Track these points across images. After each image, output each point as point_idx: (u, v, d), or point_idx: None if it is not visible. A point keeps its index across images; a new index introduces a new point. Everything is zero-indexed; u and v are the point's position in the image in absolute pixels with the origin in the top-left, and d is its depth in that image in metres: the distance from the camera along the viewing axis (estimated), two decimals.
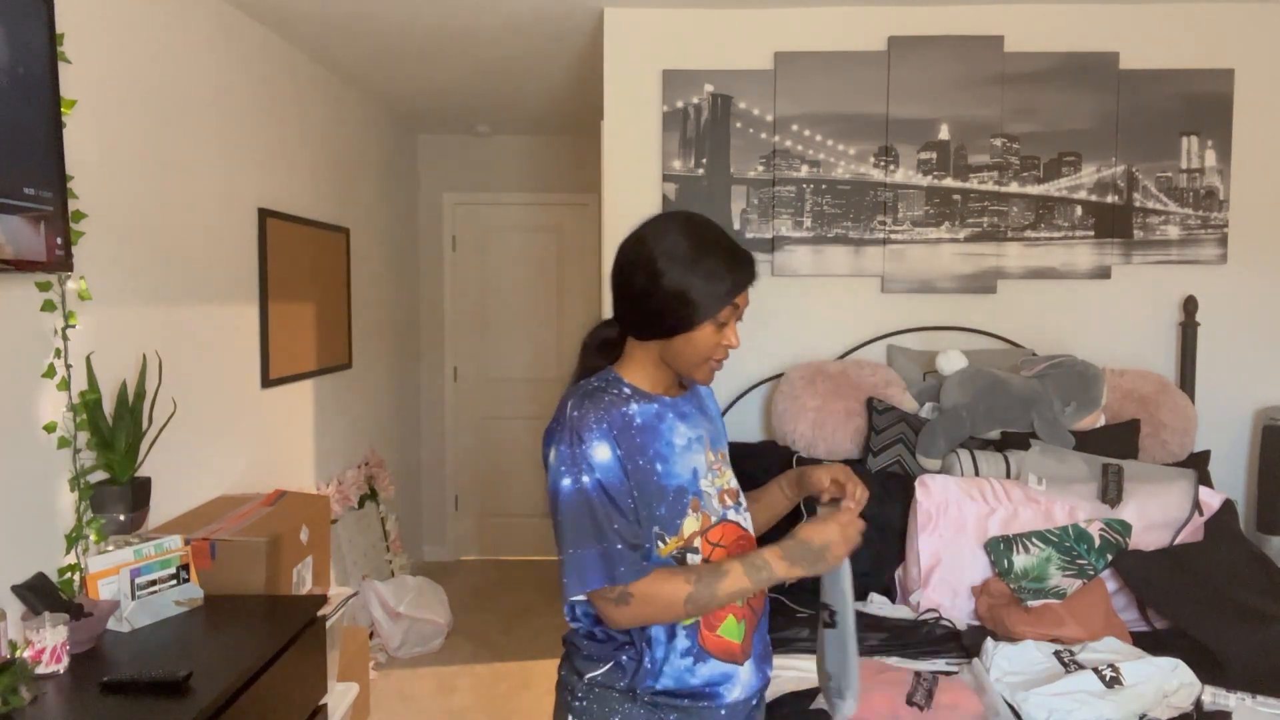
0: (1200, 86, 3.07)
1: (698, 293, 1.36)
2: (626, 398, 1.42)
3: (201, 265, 2.78)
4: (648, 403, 1.43)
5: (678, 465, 1.41)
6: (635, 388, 1.44)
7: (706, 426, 1.50)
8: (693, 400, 1.52)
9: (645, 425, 1.41)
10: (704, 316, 1.37)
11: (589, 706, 1.42)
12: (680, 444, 1.42)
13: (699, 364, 1.42)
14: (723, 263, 1.37)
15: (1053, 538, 2.47)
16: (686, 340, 1.39)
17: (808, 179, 3.14)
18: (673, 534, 1.39)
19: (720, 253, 1.38)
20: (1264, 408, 3.10)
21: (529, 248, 5.38)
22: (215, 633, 2.09)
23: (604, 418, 1.37)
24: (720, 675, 1.42)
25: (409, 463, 5.12)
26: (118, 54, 2.36)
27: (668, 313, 1.38)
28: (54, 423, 2.09)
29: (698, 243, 1.38)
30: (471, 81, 4.01)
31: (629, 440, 1.38)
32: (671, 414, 1.44)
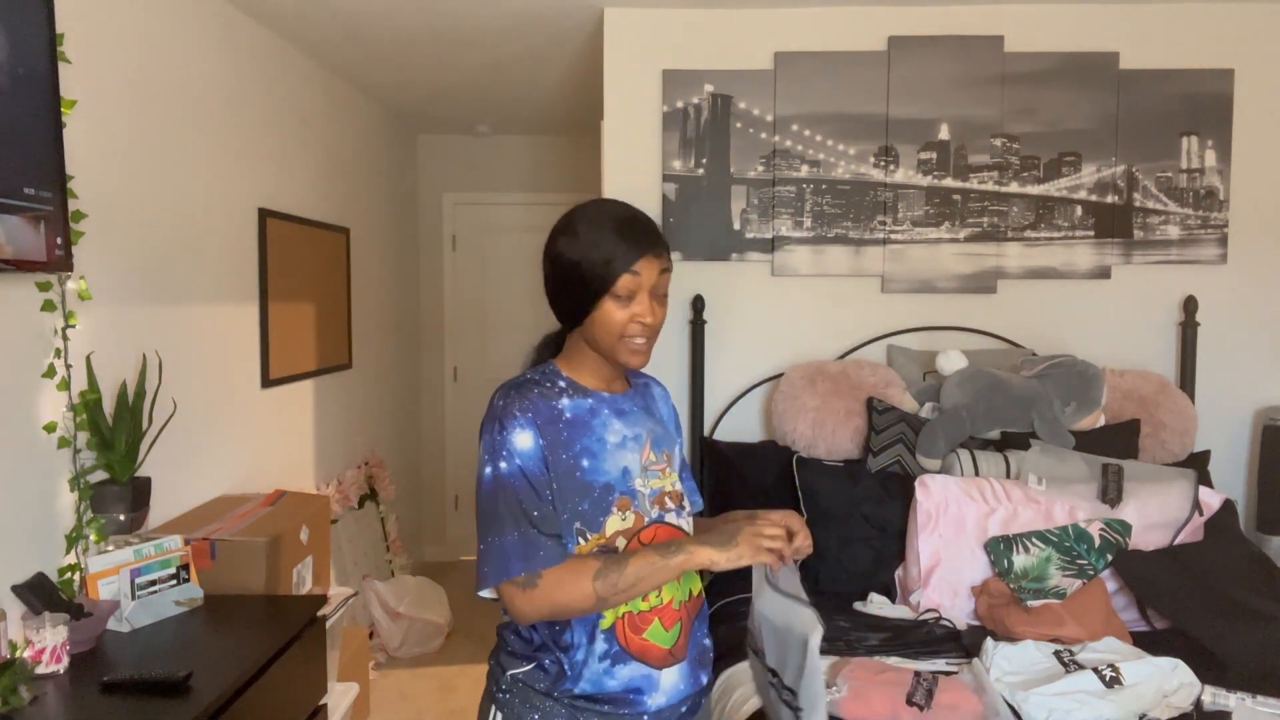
0: (1200, 86, 3.07)
1: (589, 266, 1.36)
2: (559, 391, 1.42)
3: (201, 265, 2.78)
4: (581, 397, 1.42)
5: (606, 462, 1.39)
6: (572, 381, 1.44)
7: (648, 426, 1.47)
8: (637, 399, 1.51)
9: (575, 419, 1.40)
10: (600, 291, 1.36)
11: (511, 700, 1.43)
12: (613, 441, 1.41)
13: (615, 343, 1.39)
14: (612, 234, 1.36)
15: (1053, 538, 2.47)
16: (594, 320, 1.38)
17: (808, 179, 3.14)
18: (594, 531, 1.37)
19: (613, 226, 1.37)
20: (1264, 408, 3.10)
21: (529, 248, 5.38)
22: (215, 633, 2.09)
23: (528, 407, 1.37)
24: (640, 680, 1.38)
25: (409, 463, 5.12)
26: (118, 54, 2.36)
27: (571, 294, 1.39)
28: (54, 423, 2.09)
29: (591, 219, 1.39)
30: (471, 81, 4.01)
31: (554, 433, 1.37)
32: (607, 410, 1.43)
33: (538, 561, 1.31)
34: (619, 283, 1.36)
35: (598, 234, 1.37)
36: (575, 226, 1.40)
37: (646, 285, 1.38)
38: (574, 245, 1.38)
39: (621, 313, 1.37)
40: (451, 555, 5.42)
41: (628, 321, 1.38)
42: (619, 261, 1.35)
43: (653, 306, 1.39)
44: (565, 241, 1.40)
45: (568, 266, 1.38)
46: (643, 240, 1.37)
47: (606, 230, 1.37)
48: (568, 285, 1.39)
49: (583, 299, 1.38)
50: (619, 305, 1.37)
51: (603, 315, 1.38)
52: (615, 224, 1.38)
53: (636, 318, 1.38)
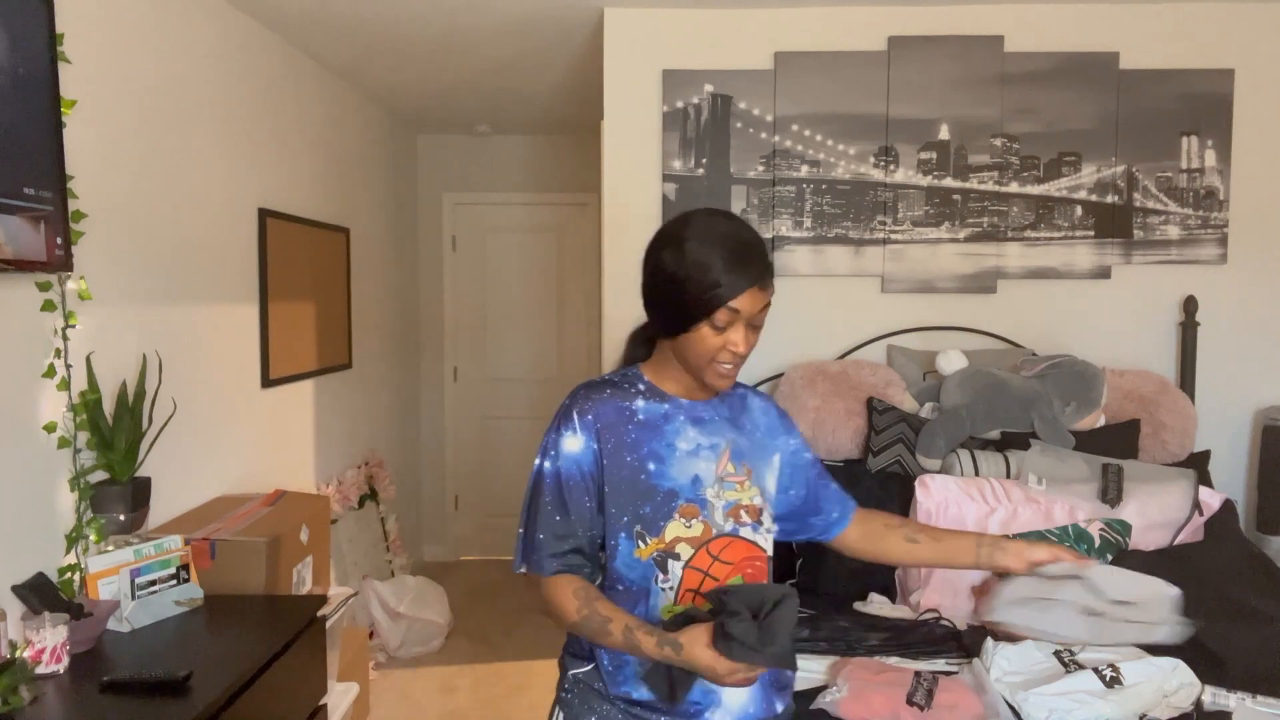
0: (1200, 86, 3.07)
1: (690, 290, 1.31)
2: (636, 393, 1.41)
3: (201, 265, 2.78)
4: (658, 402, 1.41)
5: (674, 468, 1.38)
6: (652, 385, 1.43)
7: (730, 437, 1.43)
8: (721, 408, 1.46)
9: (647, 422, 1.39)
10: (697, 316, 1.32)
11: (572, 700, 1.44)
12: (684, 448, 1.39)
13: (703, 366, 1.36)
14: (722, 262, 1.30)
15: (1053, 538, 2.47)
16: (687, 340, 1.35)
17: (808, 179, 3.14)
18: (654, 535, 1.36)
19: (722, 251, 1.31)
20: (1264, 408, 3.10)
21: (529, 248, 5.38)
22: (215, 633, 2.09)
23: (591, 408, 1.37)
24: (701, 694, 1.35)
25: (409, 463, 5.13)
26: (118, 54, 2.36)
27: (665, 308, 1.36)
28: (54, 423, 2.09)
29: (703, 238, 1.32)
30: (471, 81, 4.01)
31: (621, 434, 1.37)
32: (683, 416, 1.41)
33: (531, 564, 1.38)
34: (717, 314, 1.31)
35: (705, 256, 1.30)
36: (684, 241, 1.33)
37: (745, 317, 1.33)
38: (679, 261, 1.32)
39: (715, 339, 1.33)
40: (451, 555, 5.42)
41: (720, 349, 1.34)
42: (722, 292, 1.30)
43: (747, 336, 1.35)
44: (670, 254, 1.34)
45: (668, 281, 1.33)
46: (750, 272, 1.31)
47: (715, 254, 1.30)
48: (665, 300, 1.35)
49: (678, 318, 1.34)
50: (714, 333, 1.32)
51: (696, 338, 1.33)
52: (725, 249, 1.31)
53: (730, 346, 1.33)
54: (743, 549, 1.40)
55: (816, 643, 2.22)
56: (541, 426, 1.57)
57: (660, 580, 1.36)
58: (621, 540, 1.36)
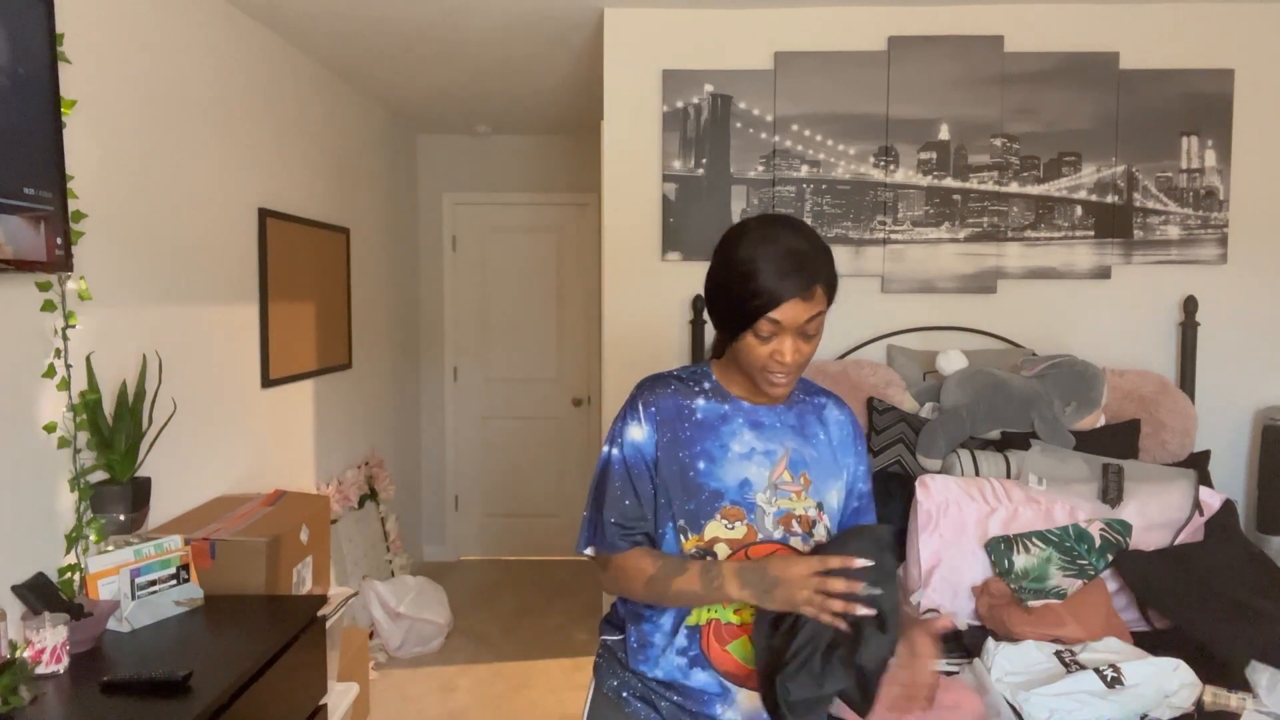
0: (1200, 86, 3.07)
1: (734, 299, 1.32)
2: (700, 391, 1.43)
3: (201, 265, 2.78)
4: (719, 401, 1.42)
5: (724, 469, 1.38)
6: (718, 385, 1.44)
7: (790, 444, 1.42)
8: (787, 415, 1.45)
9: (704, 421, 1.40)
10: (741, 325, 1.32)
11: (601, 665, 1.52)
12: (738, 450, 1.39)
13: (755, 373, 1.36)
14: (765, 268, 1.29)
15: (1053, 538, 2.47)
16: (739, 346, 1.35)
17: (808, 179, 3.14)
18: (694, 532, 1.38)
19: (768, 262, 1.29)
20: (1264, 408, 3.10)
21: (529, 248, 5.38)
22: (215, 633, 2.09)
23: (654, 401, 1.41)
24: (715, 687, 1.39)
25: (409, 463, 5.12)
26: (118, 54, 2.36)
27: (714, 309, 1.37)
28: (54, 423, 2.09)
29: (752, 247, 1.31)
30: (471, 81, 4.01)
31: (677, 430, 1.39)
32: (742, 419, 1.41)
33: (599, 545, 1.42)
34: (760, 324, 1.31)
35: (751, 264, 1.30)
36: (738, 245, 1.33)
37: (790, 328, 1.31)
38: (728, 267, 1.33)
39: (762, 349, 1.33)
40: (451, 555, 5.42)
41: (767, 358, 1.33)
42: (763, 301, 1.29)
43: (796, 346, 1.33)
44: (720, 261, 1.35)
45: (717, 286, 1.35)
46: (792, 283, 1.29)
47: (759, 264, 1.29)
48: (715, 304, 1.37)
49: (726, 324, 1.36)
50: (759, 342, 1.32)
51: (744, 346, 1.34)
52: (770, 259, 1.29)
53: (776, 356, 1.33)
54: None
55: None
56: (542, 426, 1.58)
57: None
58: (669, 530, 1.40)
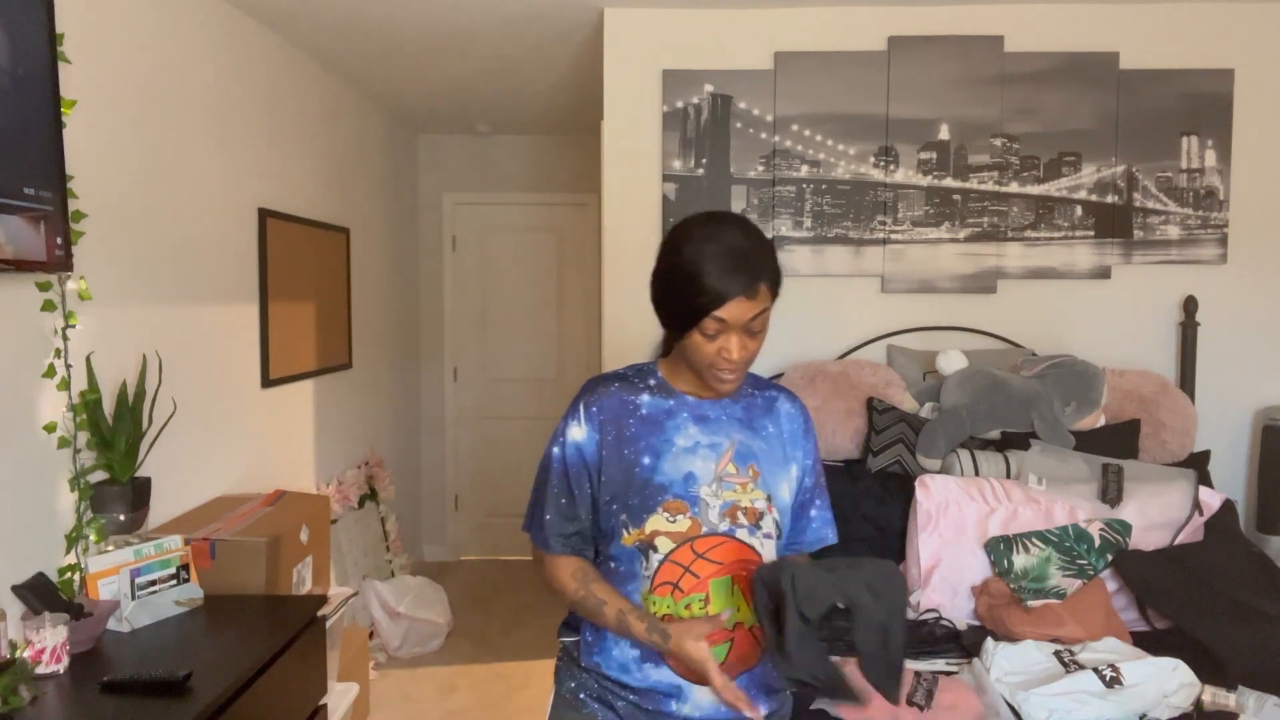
0: (1200, 86, 3.07)
1: (680, 298, 1.33)
2: (644, 387, 1.45)
3: (201, 265, 2.78)
4: (664, 397, 1.44)
5: (668, 463, 1.39)
6: (664, 382, 1.46)
7: (737, 437, 1.43)
8: (733, 408, 1.46)
9: (649, 417, 1.42)
10: (687, 323, 1.33)
11: (560, 667, 1.54)
12: (682, 444, 1.40)
13: (702, 369, 1.38)
14: (709, 267, 1.30)
15: (1053, 538, 2.47)
16: (686, 344, 1.37)
17: (808, 179, 3.14)
18: (635, 525, 1.39)
19: (713, 260, 1.30)
20: (1264, 408, 3.10)
21: (529, 248, 5.38)
22: (215, 633, 2.09)
23: (597, 400, 1.43)
24: (669, 686, 1.39)
25: (409, 463, 5.12)
26: (118, 54, 2.36)
27: (660, 308, 1.39)
28: (54, 423, 2.09)
29: (696, 245, 1.32)
30: (471, 81, 4.01)
31: (621, 426, 1.41)
32: (687, 414, 1.43)
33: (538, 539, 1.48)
34: (705, 323, 1.32)
35: (694, 265, 1.30)
36: (682, 244, 1.34)
37: (735, 326, 1.32)
38: (673, 266, 1.34)
39: (709, 346, 1.34)
40: (451, 555, 5.42)
41: (714, 355, 1.35)
42: (708, 300, 1.30)
43: (742, 343, 1.34)
44: (668, 257, 1.36)
45: (663, 286, 1.37)
46: (736, 282, 1.29)
47: (703, 263, 1.30)
48: (662, 303, 1.38)
49: (673, 322, 1.37)
50: (706, 340, 1.34)
51: (691, 343, 1.35)
52: (714, 258, 1.30)
53: (723, 353, 1.34)
54: (735, 550, 1.40)
55: None
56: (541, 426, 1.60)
57: (643, 567, 1.40)
58: (614, 525, 1.42)
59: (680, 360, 1.44)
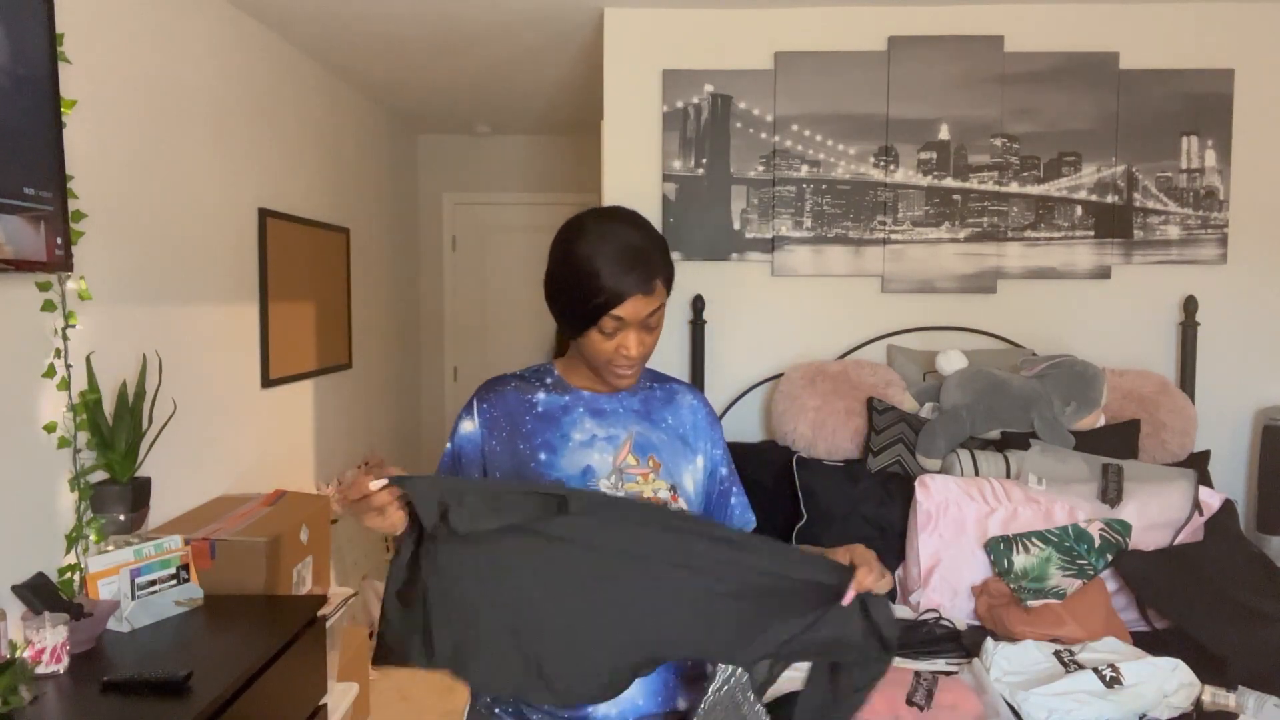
0: (1200, 86, 3.06)
1: (576, 298, 1.32)
2: (540, 386, 1.44)
3: (201, 265, 2.78)
4: (560, 394, 1.43)
5: (564, 458, 1.38)
6: (560, 379, 1.45)
7: (635, 429, 1.42)
8: (631, 401, 1.45)
9: (545, 414, 1.41)
10: (584, 323, 1.32)
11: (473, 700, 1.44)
12: (579, 439, 1.39)
13: (600, 366, 1.37)
14: (604, 267, 1.29)
15: (1053, 538, 2.47)
16: (583, 342, 1.36)
17: (808, 179, 3.14)
18: None
19: (606, 259, 1.30)
20: (1264, 408, 3.10)
21: (529, 248, 5.38)
22: (215, 633, 2.09)
23: (489, 398, 1.43)
24: None
25: (409, 463, 5.12)
26: (118, 54, 2.36)
27: (557, 312, 1.38)
28: (54, 423, 2.09)
29: (588, 245, 1.32)
30: (471, 81, 4.01)
31: (517, 424, 1.40)
32: (583, 408, 1.42)
33: None
34: (603, 322, 1.31)
35: (590, 263, 1.30)
36: (576, 243, 1.34)
37: (633, 323, 1.32)
38: (568, 265, 1.33)
39: (607, 344, 1.34)
40: None
41: (613, 352, 1.35)
42: (603, 299, 1.29)
43: (640, 339, 1.34)
44: (561, 256, 1.35)
45: (558, 284, 1.36)
46: (631, 280, 1.30)
47: (599, 261, 1.30)
48: (555, 305, 1.38)
49: (570, 322, 1.36)
50: (604, 337, 1.33)
51: (588, 342, 1.35)
52: (607, 256, 1.30)
53: (621, 350, 1.34)
54: None
55: None
56: None
57: None
58: None
59: (576, 358, 1.44)
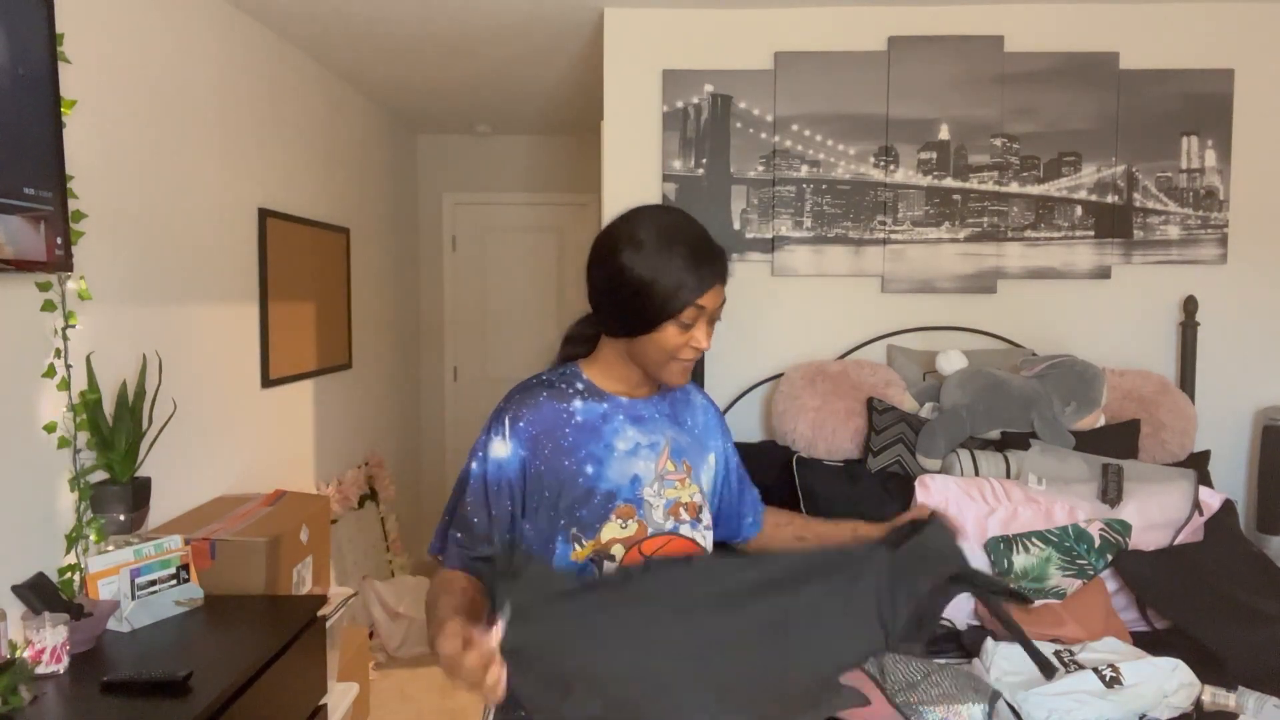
0: (1200, 86, 3.06)
1: (658, 291, 1.30)
2: (574, 393, 1.40)
3: (201, 265, 2.78)
4: (596, 401, 1.40)
5: (612, 469, 1.36)
6: (591, 384, 1.42)
7: (670, 434, 1.43)
8: (661, 405, 1.46)
9: (585, 424, 1.38)
10: (664, 316, 1.31)
11: None
12: (623, 448, 1.38)
13: (664, 363, 1.36)
14: (686, 260, 1.30)
15: (1053, 538, 2.47)
16: (649, 339, 1.34)
17: (808, 179, 3.14)
18: (589, 538, 1.35)
19: (684, 249, 1.31)
20: (1264, 408, 3.10)
21: (529, 248, 5.38)
22: (215, 633, 2.09)
23: (525, 414, 1.36)
24: None
25: (409, 463, 5.12)
26: (118, 54, 2.36)
27: (628, 310, 1.34)
28: (54, 423, 2.09)
29: (662, 237, 1.32)
30: (471, 81, 4.01)
31: (557, 438, 1.36)
32: (622, 416, 1.40)
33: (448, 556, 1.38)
34: (685, 312, 1.31)
35: (668, 257, 1.30)
36: (642, 242, 1.32)
37: (710, 312, 1.34)
38: (641, 263, 1.31)
39: (679, 337, 1.33)
40: None
41: (683, 346, 1.34)
42: (688, 291, 1.30)
43: (709, 331, 1.36)
44: (630, 256, 1.32)
45: (631, 284, 1.31)
46: (715, 269, 1.33)
47: (678, 254, 1.30)
48: (627, 303, 1.33)
49: (641, 320, 1.33)
50: (680, 331, 1.33)
51: (660, 337, 1.33)
52: (687, 247, 1.31)
53: (693, 343, 1.34)
54: (680, 546, 1.40)
55: None
56: None
57: None
58: (559, 544, 1.36)
59: (611, 361, 1.42)
